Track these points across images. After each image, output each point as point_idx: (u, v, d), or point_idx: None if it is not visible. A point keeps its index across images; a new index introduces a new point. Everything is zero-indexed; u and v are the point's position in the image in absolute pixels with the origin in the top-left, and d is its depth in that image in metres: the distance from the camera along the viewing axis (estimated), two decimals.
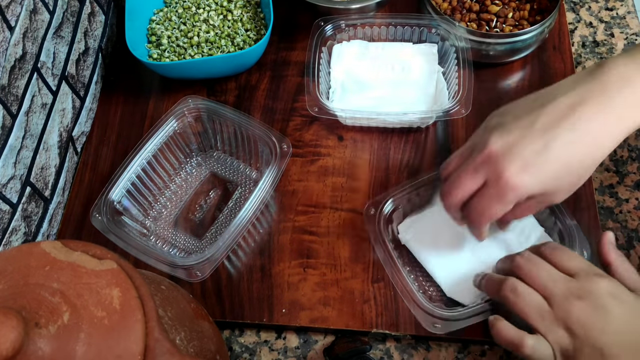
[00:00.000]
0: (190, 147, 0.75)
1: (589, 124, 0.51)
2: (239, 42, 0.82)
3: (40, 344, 0.37)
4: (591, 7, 0.88)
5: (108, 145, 0.79)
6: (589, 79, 0.53)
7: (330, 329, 0.65)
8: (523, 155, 0.52)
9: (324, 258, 0.68)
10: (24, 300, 0.39)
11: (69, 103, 0.76)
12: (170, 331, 0.46)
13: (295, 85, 0.82)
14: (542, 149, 0.51)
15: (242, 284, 0.68)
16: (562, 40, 0.83)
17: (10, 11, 0.63)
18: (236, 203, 0.73)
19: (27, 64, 0.66)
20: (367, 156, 0.75)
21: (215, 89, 0.82)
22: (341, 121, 0.77)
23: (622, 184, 0.73)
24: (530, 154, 0.52)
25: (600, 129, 0.51)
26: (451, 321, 0.58)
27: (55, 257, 0.42)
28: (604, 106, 0.51)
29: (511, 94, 0.79)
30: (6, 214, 0.63)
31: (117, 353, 0.39)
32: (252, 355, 0.65)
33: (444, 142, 0.76)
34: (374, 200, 0.66)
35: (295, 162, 0.75)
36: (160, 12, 0.86)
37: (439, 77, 0.78)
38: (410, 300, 0.59)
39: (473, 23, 0.80)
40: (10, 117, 0.63)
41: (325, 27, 0.78)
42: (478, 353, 0.64)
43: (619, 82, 0.52)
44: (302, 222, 0.71)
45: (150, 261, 0.62)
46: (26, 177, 0.67)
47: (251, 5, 0.85)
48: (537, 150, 0.52)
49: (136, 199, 0.70)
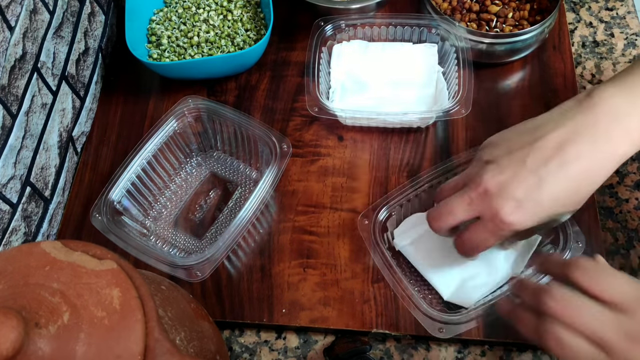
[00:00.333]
0: (190, 147, 0.75)
1: (580, 161, 0.51)
2: (239, 42, 0.82)
3: (40, 344, 0.37)
4: (591, 7, 0.88)
5: (108, 145, 0.79)
6: (578, 113, 0.52)
7: (330, 329, 0.65)
8: (516, 195, 0.52)
9: (323, 258, 0.68)
10: (24, 300, 0.39)
11: (69, 103, 0.76)
12: (170, 331, 0.46)
13: (295, 85, 0.82)
14: (534, 187, 0.51)
15: (242, 284, 0.68)
16: (562, 40, 0.83)
17: (10, 11, 0.63)
18: (236, 203, 0.73)
19: (27, 64, 0.66)
20: (367, 156, 0.75)
21: (215, 89, 0.82)
22: (341, 121, 0.77)
23: (622, 184, 0.73)
24: (523, 192, 0.52)
25: (591, 164, 0.51)
26: (456, 325, 0.58)
27: (55, 257, 0.42)
28: (594, 142, 0.51)
29: (511, 94, 0.79)
30: (6, 214, 0.63)
31: (117, 353, 0.39)
32: (252, 355, 0.65)
33: (444, 142, 0.76)
34: (367, 210, 0.66)
35: (295, 162, 0.75)
36: (160, 12, 0.86)
37: (439, 77, 0.77)
38: (412, 306, 0.59)
39: (473, 23, 0.80)
40: (10, 117, 0.63)
41: (325, 27, 0.78)
42: (478, 353, 0.64)
43: (607, 115, 0.51)
44: (302, 222, 0.71)
45: (150, 261, 0.62)
46: (26, 177, 0.67)
47: (251, 5, 0.85)
48: (530, 188, 0.51)
49: (136, 199, 0.70)
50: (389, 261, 0.62)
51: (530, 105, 0.78)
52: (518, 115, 0.77)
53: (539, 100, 0.78)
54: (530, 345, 0.63)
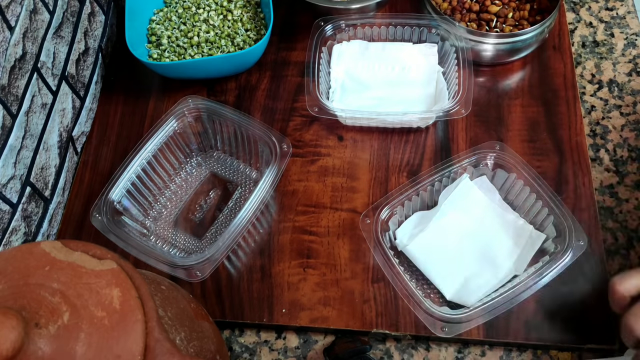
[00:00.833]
0: (190, 147, 0.75)
1: None
2: (239, 42, 0.82)
3: (40, 344, 0.37)
4: (591, 7, 0.88)
5: (108, 145, 0.79)
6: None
7: (330, 329, 0.65)
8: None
9: (323, 258, 0.68)
10: (24, 300, 0.39)
11: (69, 103, 0.76)
12: (170, 331, 0.46)
13: (295, 85, 0.82)
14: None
15: (242, 284, 0.68)
16: (562, 40, 0.83)
17: (10, 11, 0.63)
18: (236, 203, 0.73)
19: (27, 64, 0.66)
20: (367, 156, 0.75)
21: (215, 89, 0.82)
22: (341, 121, 0.77)
23: (622, 184, 0.73)
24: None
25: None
26: (458, 323, 0.58)
27: (55, 257, 0.42)
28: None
29: (511, 94, 0.79)
30: (6, 214, 0.63)
31: (117, 353, 0.39)
32: (252, 355, 0.65)
33: (444, 142, 0.76)
34: (369, 210, 0.66)
35: (295, 162, 0.75)
36: (160, 12, 0.86)
37: (439, 77, 0.78)
38: (415, 305, 0.59)
39: (473, 23, 0.80)
40: (10, 117, 0.63)
41: (325, 27, 0.78)
42: (478, 353, 0.64)
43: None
44: (302, 222, 0.71)
45: (150, 261, 0.62)
46: (26, 177, 0.67)
47: (251, 5, 0.85)
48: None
49: (136, 199, 0.70)
50: (391, 260, 0.62)
51: (530, 105, 0.78)
52: (518, 115, 0.77)
53: (539, 100, 0.78)
54: (530, 345, 0.63)
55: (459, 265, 0.66)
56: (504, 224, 0.67)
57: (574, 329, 0.63)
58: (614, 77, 0.81)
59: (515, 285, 0.60)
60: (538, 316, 0.64)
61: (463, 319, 0.58)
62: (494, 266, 0.65)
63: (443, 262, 0.66)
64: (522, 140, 0.75)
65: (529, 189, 0.66)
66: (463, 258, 0.66)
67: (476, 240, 0.67)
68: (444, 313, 0.59)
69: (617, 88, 0.80)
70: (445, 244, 0.67)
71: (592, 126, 0.77)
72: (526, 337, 0.63)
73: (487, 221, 0.68)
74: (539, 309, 0.64)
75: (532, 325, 0.63)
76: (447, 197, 0.68)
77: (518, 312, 0.63)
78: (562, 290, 0.65)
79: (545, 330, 0.63)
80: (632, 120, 0.78)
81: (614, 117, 0.78)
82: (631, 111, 0.78)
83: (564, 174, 0.72)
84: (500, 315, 0.59)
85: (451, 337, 0.59)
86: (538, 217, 0.66)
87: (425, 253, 0.66)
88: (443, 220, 0.67)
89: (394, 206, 0.66)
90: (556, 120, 0.76)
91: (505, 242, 0.66)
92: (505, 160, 0.68)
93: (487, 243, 0.67)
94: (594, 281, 0.65)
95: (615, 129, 0.77)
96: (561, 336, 0.63)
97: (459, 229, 0.68)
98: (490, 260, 0.65)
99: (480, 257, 0.66)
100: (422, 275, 0.66)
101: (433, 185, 0.68)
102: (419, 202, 0.69)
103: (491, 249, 0.66)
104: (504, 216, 0.68)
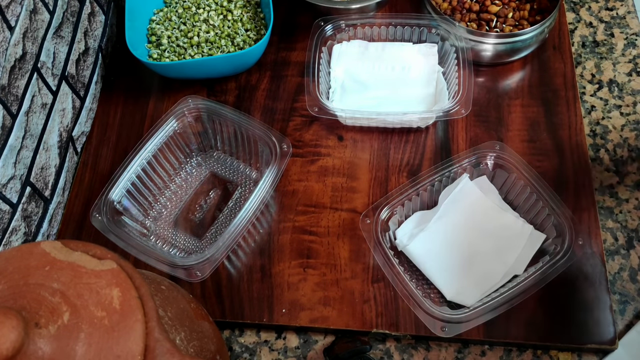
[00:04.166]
0: (190, 147, 0.75)
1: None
2: (239, 42, 0.82)
3: (40, 344, 0.37)
4: (591, 7, 0.88)
5: (108, 145, 0.79)
6: None
7: (330, 329, 0.65)
8: None
9: (323, 258, 0.68)
10: (24, 300, 0.39)
11: (69, 103, 0.76)
12: (170, 331, 0.46)
13: (295, 85, 0.82)
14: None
15: (242, 284, 0.68)
16: (562, 40, 0.83)
17: (10, 11, 0.63)
18: (236, 203, 0.73)
19: (27, 64, 0.66)
20: (367, 156, 0.75)
21: (215, 89, 0.82)
22: (341, 121, 0.77)
23: (622, 184, 0.73)
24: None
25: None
26: (458, 323, 0.58)
27: (55, 257, 0.42)
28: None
29: (511, 94, 0.79)
30: (6, 214, 0.63)
31: (117, 353, 0.39)
32: (252, 355, 0.65)
33: (444, 142, 0.76)
34: (369, 210, 0.66)
35: (295, 162, 0.75)
36: (160, 12, 0.86)
37: (439, 77, 0.78)
38: (415, 305, 0.59)
39: (473, 23, 0.80)
40: (10, 117, 0.63)
41: (325, 27, 0.78)
42: (478, 353, 0.64)
43: None
44: (302, 222, 0.71)
45: (150, 261, 0.62)
46: (26, 177, 0.67)
47: (251, 5, 0.85)
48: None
49: (136, 199, 0.70)
50: (391, 260, 0.62)
51: (530, 105, 0.78)
52: (518, 115, 0.77)
53: (539, 100, 0.78)
54: (530, 345, 0.63)
55: (458, 265, 0.66)
56: (504, 224, 0.67)
57: (574, 329, 0.63)
58: (614, 77, 0.81)
59: (515, 285, 0.60)
60: (538, 316, 0.64)
61: (463, 319, 0.58)
62: (494, 266, 0.65)
63: (443, 262, 0.66)
64: (522, 140, 0.75)
65: (529, 189, 0.66)
66: (463, 258, 0.66)
67: (476, 240, 0.67)
68: (444, 313, 0.59)
69: (617, 88, 0.80)
70: (445, 244, 0.67)
71: (592, 126, 0.77)
72: (526, 337, 0.63)
73: (487, 221, 0.68)
74: (539, 309, 0.64)
75: (532, 325, 0.63)
76: (447, 197, 0.68)
77: (518, 312, 0.63)
78: (562, 290, 0.65)
79: (545, 330, 0.63)
80: (632, 120, 0.78)
81: (614, 117, 0.78)
82: (631, 111, 0.78)
83: (564, 174, 0.72)
84: (500, 315, 0.59)
85: (451, 337, 0.59)
86: (538, 217, 0.66)
87: (425, 253, 0.66)
88: (443, 220, 0.67)
89: (394, 206, 0.66)
90: (556, 120, 0.76)
91: (505, 242, 0.66)
92: (505, 160, 0.68)
93: (487, 243, 0.67)
94: (594, 281, 0.65)
95: (615, 129, 0.77)
96: (561, 336, 0.63)
97: (458, 229, 0.68)
98: (490, 260, 0.65)
99: (480, 257, 0.66)
100: (422, 275, 0.66)
101: (433, 185, 0.68)
102: (419, 202, 0.69)
103: (491, 249, 0.66)
104: (504, 216, 0.68)
